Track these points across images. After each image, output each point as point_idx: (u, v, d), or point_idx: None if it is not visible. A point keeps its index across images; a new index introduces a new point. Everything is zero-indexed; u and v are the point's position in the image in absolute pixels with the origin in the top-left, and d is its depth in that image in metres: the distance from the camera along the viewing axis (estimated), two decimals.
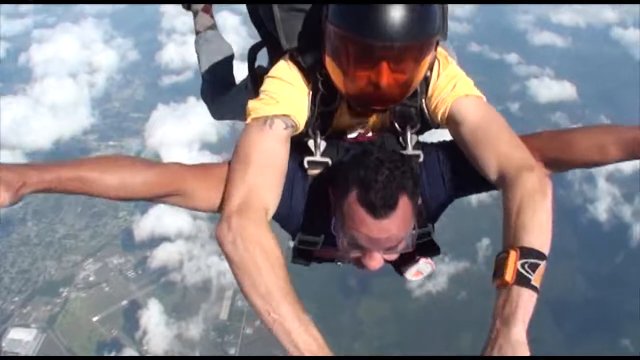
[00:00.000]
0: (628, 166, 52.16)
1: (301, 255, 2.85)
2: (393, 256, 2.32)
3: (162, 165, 2.37)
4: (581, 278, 44.45)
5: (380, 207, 2.10)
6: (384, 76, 2.32)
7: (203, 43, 4.38)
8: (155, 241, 48.18)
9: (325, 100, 2.62)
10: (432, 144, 2.74)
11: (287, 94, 2.54)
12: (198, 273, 46.07)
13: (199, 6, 4.38)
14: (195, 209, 2.45)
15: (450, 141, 2.64)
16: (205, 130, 58.12)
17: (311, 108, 2.62)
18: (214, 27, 4.45)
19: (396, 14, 2.20)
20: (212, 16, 4.46)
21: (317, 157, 2.62)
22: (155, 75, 73.84)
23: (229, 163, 2.41)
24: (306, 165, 2.57)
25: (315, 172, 2.58)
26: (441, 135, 2.77)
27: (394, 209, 2.12)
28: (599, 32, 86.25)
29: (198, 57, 4.36)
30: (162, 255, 47.54)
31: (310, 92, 2.62)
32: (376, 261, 2.25)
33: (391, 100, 2.50)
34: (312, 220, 2.62)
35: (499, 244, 2.17)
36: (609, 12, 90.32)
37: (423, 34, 2.29)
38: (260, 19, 2.98)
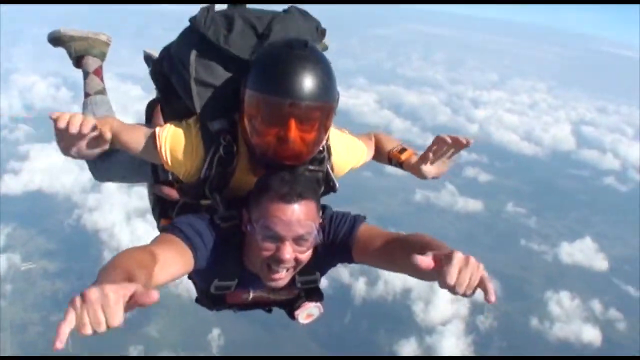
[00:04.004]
0: None
1: (215, 301, 3.36)
2: (303, 252, 2.88)
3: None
4: (315, 344, 46.26)
5: (289, 194, 2.75)
6: (291, 131, 2.81)
7: (90, 106, 4.70)
8: None
9: (222, 162, 3.10)
10: (331, 215, 3.21)
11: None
12: None
13: (91, 68, 4.82)
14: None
15: (343, 216, 3.17)
16: None
17: (208, 168, 3.12)
18: (103, 91, 4.84)
19: (304, 79, 2.76)
20: (102, 79, 4.85)
21: (225, 212, 3.11)
22: None
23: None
24: (217, 222, 3.02)
25: (226, 225, 3.02)
26: None
27: (302, 198, 2.77)
28: None
29: None
30: None
31: (210, 154, 3.11)
32: (288, 252, 2.80)
33: (298, 157, 2.97)
34: (226, 267, 3.08)
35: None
36: None
37: (326, 98, 2.85)
38: (163, 80, 3.53)
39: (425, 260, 2.20)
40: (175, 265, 2.73)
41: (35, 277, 50.47)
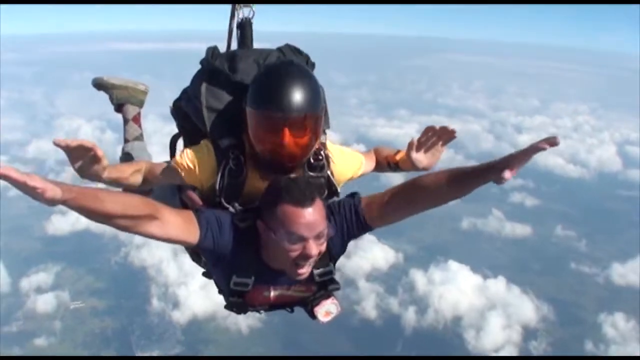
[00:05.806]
0: (384, 264, 56.92)
1: (235, 295, 3.74)
2: (322, 245, 3.33)
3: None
4: None
5: (304, 199, 3.19)
6: (285, 138, 3.39)
7: (128, 152, 5.31)
8: None
9: (232, 174, 3.67)
10: (328, 206, 3.62)
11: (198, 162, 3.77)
12: None
13: (130, 115, 5.47)
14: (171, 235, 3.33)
15: (339, 203, 3.64)
16: None
17: (221, 179, 3.68)
18: (140, 137, 5.44)
19: (292, 94, 3.36)
20: (140, 126, 5.51)
21: (242, 214, 3.55)
22: None
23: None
24: (235, 222, 3.49)
25: (244, 224, 3.47)
26: None
27: (315, 200, 3.23)
28: None
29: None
30: None
31: (222, 167, 3.68)
32: (314, 249, 3.27)
33: (294, 158, 3.53)
34: (244, 264, 3.53)
35: None
36: None
37: (311, 109, 3.43)
38: (182, 116, 4.17)
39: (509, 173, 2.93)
40: (175, 229, 3.26)
41: (84, 315, 51.60)
